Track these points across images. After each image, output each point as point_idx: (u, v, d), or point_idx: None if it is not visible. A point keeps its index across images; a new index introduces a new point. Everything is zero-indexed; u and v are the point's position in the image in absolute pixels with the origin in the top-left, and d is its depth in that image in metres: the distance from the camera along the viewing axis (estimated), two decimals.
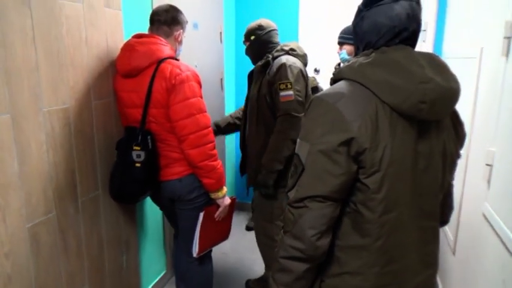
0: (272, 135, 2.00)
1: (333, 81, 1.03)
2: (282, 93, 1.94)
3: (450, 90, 0.92)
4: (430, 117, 0.92)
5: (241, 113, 2.46)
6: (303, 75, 2.03)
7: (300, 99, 1.94)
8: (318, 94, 0.97)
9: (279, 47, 2.09)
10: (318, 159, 0.91)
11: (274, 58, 2.04)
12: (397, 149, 0.91)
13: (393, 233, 0.95)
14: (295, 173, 0.96)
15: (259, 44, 2.12)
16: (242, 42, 2.24)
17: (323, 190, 0.91)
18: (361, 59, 0.95)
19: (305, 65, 2.13)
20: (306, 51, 2.18)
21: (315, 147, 0.91)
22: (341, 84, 0.97)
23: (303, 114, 1.95)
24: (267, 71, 2.03)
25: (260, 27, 2.11)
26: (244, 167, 2.33)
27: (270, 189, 2.03)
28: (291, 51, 2.07)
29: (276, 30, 2.17)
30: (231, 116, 2.56)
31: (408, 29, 0.95)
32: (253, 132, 2.11)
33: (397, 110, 0.90)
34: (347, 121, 0.89)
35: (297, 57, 2.07)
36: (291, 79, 1.94)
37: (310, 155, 0.92)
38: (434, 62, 0.93)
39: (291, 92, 1.93)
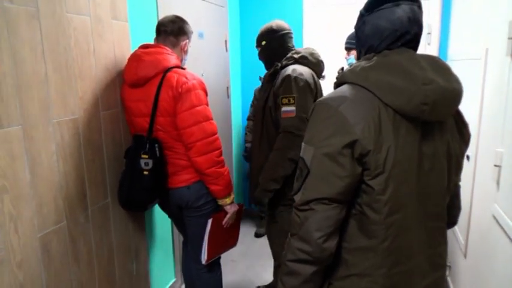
0: (271, 153, 1.84)
1: (336, 85, 1.05)
2: (284, 109, 1.77)
3: (452, 91, 0.93)
4: (432, 118, 0.92)
5: None
6: (310, 88, 1.82)
7: (304, 115, 1.76)
8: (321, 98, 0.98)
9: (289, 54, 1.92)
10: (322, 162, 0.92)
11: (283, 67, 1.87)
12: (401, 150, 0.91)
13: (400, 234, 0.95)
14: (300, 176, 0.97)
15: (270, 49, 1.96)
16: (255, 47, 2.09)
17: (328, 192, 0.92)
18: (363, 63, 0.97)
19: (320, 73, 1.97)
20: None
21: (319, 150, 0.93)
22: (344, 88, 0.98)
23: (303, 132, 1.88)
24: (274, 81, 1.88)
25: (271, 31, 1.94)
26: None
27: (265, 208, 1.91)
28: (301, 60, 1.89)
29: (289, 32, 1.98)
30: None
31: (410, 32, 0.96)
32: (257, 147, 1.99)
33: (400, 111, 0.91)
34: (350, 124, 0.90)
35: (307, 66, 1.89)
36: (295, 93, 1.76)
37: (315, 158, 0.93)
38: (435, 64, 0.94)
39: (292, 108, 1.76)
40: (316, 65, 1.95)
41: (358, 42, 1.05)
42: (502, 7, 1.60)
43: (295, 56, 1.90)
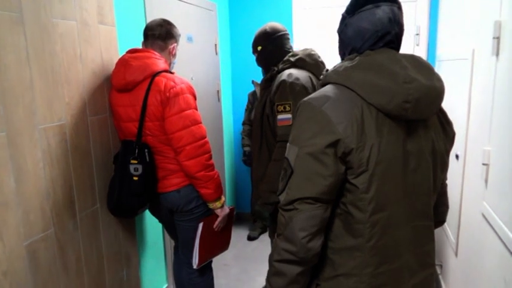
0: (270, 163, 1.78)
1: (321, 85, 1.05)
2: (280, 117, 1.70)
3: (434, 89, 0.94)
4: (415, 117, 0.93)
5: None
6: (308, 93, 1.70)
7: None
8: (305, 98, 0.99)
9: (286, 57, 1.83)
10: (306, 162, 0.93)
11: (280, 71, 1.79)
12: (384, 148, 0.92)
13: (385, 232, 0.95)
14: (285, 176, 0.98)
15: (267, 53, 1.87)
16: (252, 53, 2.00)
17: (312, 192, 0.92)
18: (345, 63, 0.98)
19: (319, 75, 1.81)
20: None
21: (303, 150, 0.93)
22: (327, 88, 0.99)
23: None
24: (271, 87, 1.80)
25: (265, 35, 1.85)
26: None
27: (267, 221, 1.84)
28: (298, 62, 1.81)
29: (285, 34, 1.89)
30: None
31: (391, 33, 0.97)
32: (256, 157, 1.92)
33: (383, 110, 0.92)
34: (333, 123, 0.91)
35: (305, 69, 1.81)
36: (291, 100, 1.68)
37: (299, 157, 0.94)
38: (417, 63, 0.96)
39: (289, 116, 1.68)
40: (315, 67, 1.85)
41: (341, 44, 1.06)
42: (488, 7, 1.62)
43: (292, 59, 1.82)
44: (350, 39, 1.01)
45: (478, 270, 1.64)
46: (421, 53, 3.09)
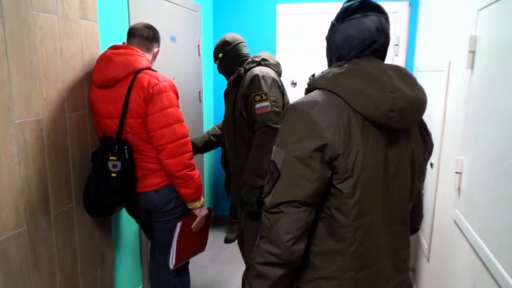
0: (251, 150, 1.91)
1: (307, 90, 1.07)
2: (258, 105, 1.87)
3: (417, 100, 0.97)
4: (398, 125, 0.96)
5: (217, 129, 2.39)
6: (278, 85, 1.96)
7: (277, 109, 1.87)
8: (293, 102, 1.00)
9: (250, 59, 2.03)
10: (293, 165, 0.94)
11: (246, 70, 1.98)
12: (368, 155, 0.94)
13: (367, 237, 0.97)
14: (271, 179, 0.98)
15: (228, 59, 2.05)
16: (213, 62, 2.14)
17: (298, 195, 0.93)
18: (334, 70, 1.00)
19: (279, 74, 2.07)
20: (284, 64, 2.15)
21: (290, 153, 0.94)
22: (315, 93, 1.00)
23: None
24: (240, 84, 1.98)
25: (226, 43, 2.03)
26: (228, 186, 2.24)
27: (254, 207, 1.91)
28: (263, 62, 2.01)
29: (243, 42, 2.10)
30: (207, 133, 2.44)
31: (377, 42, 1.00)
32: (232, 149, 2.03)
33: (369, 118, 0.94)
34: (321, 128, 0.92)
35: (269, 67, 2.01)
36: (266, 90, 1.87)
37: (286, 161, 0.95)
38: (401, 73, 0.98)
39: (267, 103, 1.87)
40: (276, 66, 2.07)
41: (329, 50, 1.09)
42: (464, 22, 1.69)
43: (256, 59, 2.01)
44: (338, 45, 1.03)
45: (449, 275, 1.69)
46: (400, 63, 3.17)
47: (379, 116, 0.93)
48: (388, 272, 1.03)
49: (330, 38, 1.07)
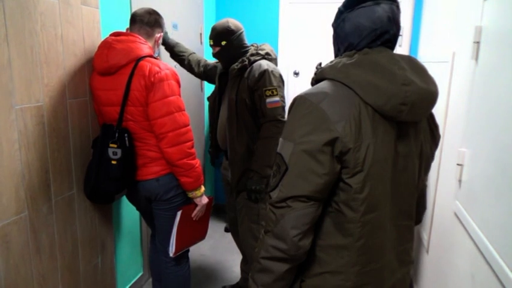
0: (260, 141, 1.99)
1: (315, 80, 1.03)
2: (269, 100, 1.94)
3: (430, 93, 0.94)
4: (408, 119, 0.93)
5: (182, 51, 2.37)
6: (282, 80, 2.05)
7: (284, 104, 1.99)
8: (302, 93, 0.96)
9: (253, 51, 2.07)
10: (302, 159, 0.90)
11: (251, 62, 2.02)
12: (379, 149, 0.92)
13: (374, 232, 0.95)
14: (278, 172, 0.95)
15: (231, 48, 2.05)
16: (209, 45, 2.11)
17: (306, 190, 0.90)
18: (344, 60, 0.96)
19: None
20: (286, 54, 2.16)
21: (298, 146, 0.91)
22: (324, 84, 0.96)
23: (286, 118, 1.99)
24: (245, 75, 2.00)
25: (231, 32, 2.02)
26: (214, 158, 2.37)
27: (262, 194, 2.02)
28: (267, 56, 2.06)
29: (244, 31, 2.11)
30: (185, 53, 2.40)
31: (389, 32, 0.96)
32: (235, 136, 2.07)
33: (379, 111, 0.91)
34: (331, 121, 0.89)
35: (271, 61, 2.07)
36: (276, 85, 1.95)
37: (294, 154, 0.91)
38: (413, 65, 0.95)
39: (277, 99, 1.95)
40: (275, 60, 2.14)
41: (337, 39, 1.04)
42: (470, 12, 1.66)
43: (261, 52, 2.06)
44: (347, 34, 0.99)
45: (448, 266, 1.70)
46: (404, 53, 3.13)
47: (390, 109, 0.90)
48: (392, 265, 1.02)
49: (337, 26, 1.02)
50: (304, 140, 0.90)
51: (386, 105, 0.89)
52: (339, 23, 1.01)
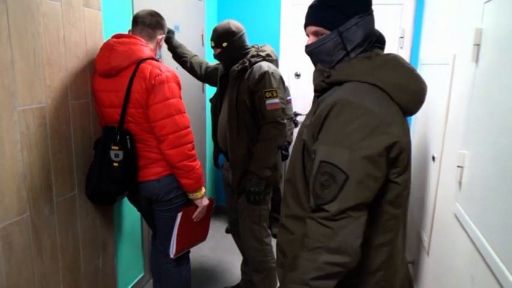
0: (259, 143, 1.99)
1: (328, 83, 1.04)
2: (269, 102, 1.95)
3: (426, 92, 1.02)
4: (410, 115, 1.01)
5: (185, 53, 2.36)
6: (283, 82, 2.05)
7: (284, 106, 1.99)
8: (343, 97, 0.93)
9: (254, 52, 2.06)
10: (362, 166, 0.87)
11: (252, 63, 2.01)
12: (409, 144, 0.98)
13: (402, 227, 1.01)
14: (333, 183, 0.88)
15: (233, 50, 2.03)
16: (211, 46, 2.09)
17: (367, 196, 0.88)
18: (366, 61, 1.00)
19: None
20: (288, 55, 2.18)
21: (357, 153, 0.87)
22: (355, 86, 0.96)
23: (285, 120, 2.00)
24: (245, 77, 2.00)
25: (232, 33, 2.00)
26: (217, 158, 2.36)
27: (262, 195, 2.03)
28: (268, 57, 2.06)
29: (245, 32, 2.09)
30: (188, 55, 2.39)
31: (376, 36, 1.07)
32: (235, 138, 2.06)
33: (405, 108, 0.96)
34: (385, 123, 0.88)
35: (272, 63, 2.07)
36: (276, 87, 1.96)
37: (352, 162, 0.87)
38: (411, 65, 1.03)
39: (277, 100, 1.95)
40: (276, 62, 2.14)
41: (345, 42, 1.03)
42: (470, 15, 1.67)
43: (262, 54, 2.06)
44: (358, 39, 1.02)
45: (448, 268, 1.70)
46: (405, 55, 3.14)
47: (414, 106, 0.97)
48: (403, 260, 1.07)
49: (346, 30, 1.02)
50: (362, 145, 0.87)
51: (410, 103, 0.96)
52: (349, 28, 1.02)
